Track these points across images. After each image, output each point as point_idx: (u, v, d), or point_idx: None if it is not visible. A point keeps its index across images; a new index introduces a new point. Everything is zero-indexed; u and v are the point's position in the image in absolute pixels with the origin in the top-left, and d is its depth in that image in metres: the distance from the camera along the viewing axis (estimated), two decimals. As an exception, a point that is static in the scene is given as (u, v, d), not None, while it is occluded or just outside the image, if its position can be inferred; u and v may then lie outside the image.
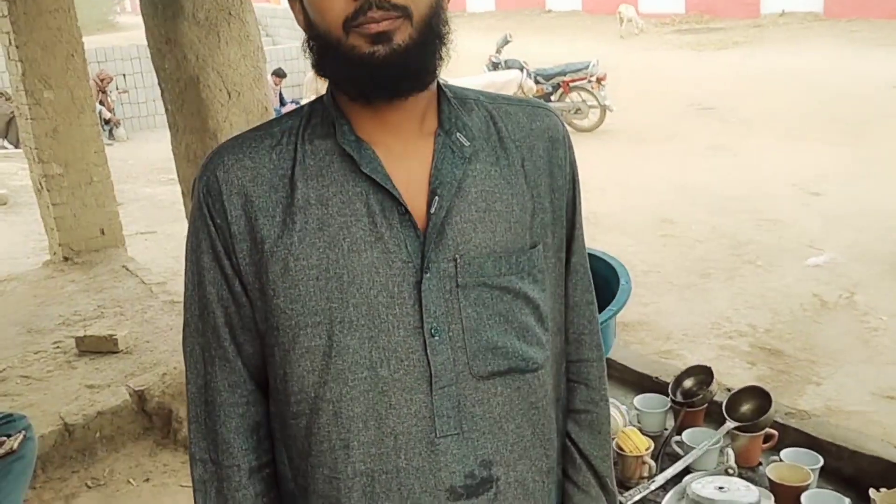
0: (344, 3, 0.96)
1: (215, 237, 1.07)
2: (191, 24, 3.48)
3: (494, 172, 1.08)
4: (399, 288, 1.02)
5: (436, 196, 1.04)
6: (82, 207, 5.68)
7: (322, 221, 1.03)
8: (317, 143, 1.06)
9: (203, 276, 1.09)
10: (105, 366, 4.06)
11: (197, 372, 1.13)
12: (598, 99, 10.68)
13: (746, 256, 5.69)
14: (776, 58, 15.48)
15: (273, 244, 1.03)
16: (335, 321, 1.03)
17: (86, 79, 5.64)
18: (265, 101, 3.77)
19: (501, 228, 1.07)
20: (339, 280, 1.02)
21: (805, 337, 4.45)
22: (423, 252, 1.03)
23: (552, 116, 1.16)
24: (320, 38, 1.01)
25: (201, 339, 1.11)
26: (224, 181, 1.06)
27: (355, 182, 1.03)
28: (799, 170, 7.82)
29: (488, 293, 1.06)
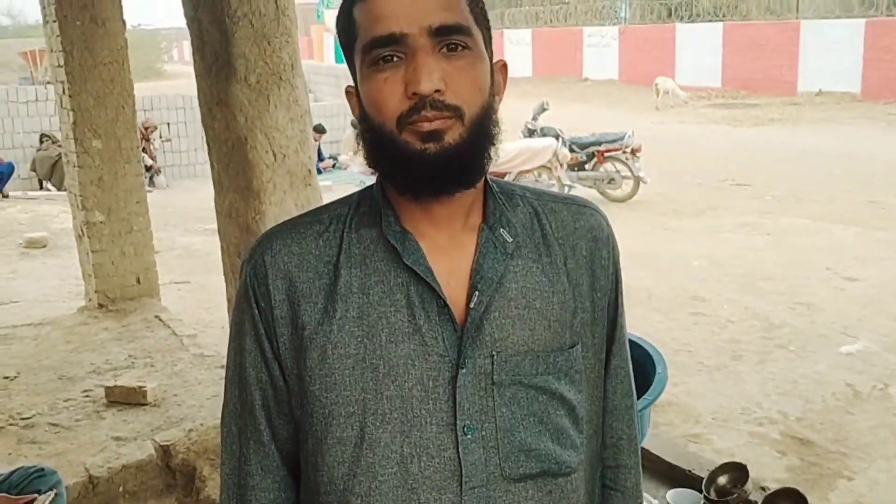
0: (399, 101, 0.99)
1: (258, 320, 1.08)
2: (242, 87, 3.57)
3: (536, 269, 1.09)
4: (434, 382, 1.03)
5: (476, 291, 1.04)
6: (121, 255, 5.78)
7: (362, 310, 1.04)
8: (363, 231, 1.08)
9: (244, 357, 1.10)
10: (133, 418, 4.08)
11: (232, 453, 1.14)
12: (633, 170, 10.73)
13: (778, 340, 5.62)
14: (812, 137, 15.50)
15: (313, 331, 1.05)
16: (368, 412, 1.03)
17: (134, 130, 5.78)
18: (309, 163, 3.84)
19: (541, 327, 1.07)
20: (374, 371, 1.03)
21: (837, 428, 4.37)
22: (461, 347, 1.03)
23: (597, 216, 1.17)
24: (374, 132, 1.03)
25: (239, 420, 1.12)
26: (270, 265, 1.08)
27: (397, 272, 1.05)
28: (834, 252, 7.76)
29: (524, 392, 1.05)
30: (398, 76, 0.99)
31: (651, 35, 26.27)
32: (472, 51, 1.02)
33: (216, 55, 3.58)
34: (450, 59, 1.00)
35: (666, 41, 25.39)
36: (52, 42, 5.59)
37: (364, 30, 1.02)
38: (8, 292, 6.74)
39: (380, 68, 1.00)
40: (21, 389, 4.42)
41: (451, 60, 1.00)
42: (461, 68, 1.00)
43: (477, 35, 1.03)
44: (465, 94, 1.00)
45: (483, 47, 1.05)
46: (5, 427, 3.96)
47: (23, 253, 8.31)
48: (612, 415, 1.19)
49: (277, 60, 3.62)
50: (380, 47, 1.00)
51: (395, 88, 0.99)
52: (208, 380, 4.58)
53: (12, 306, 6.30)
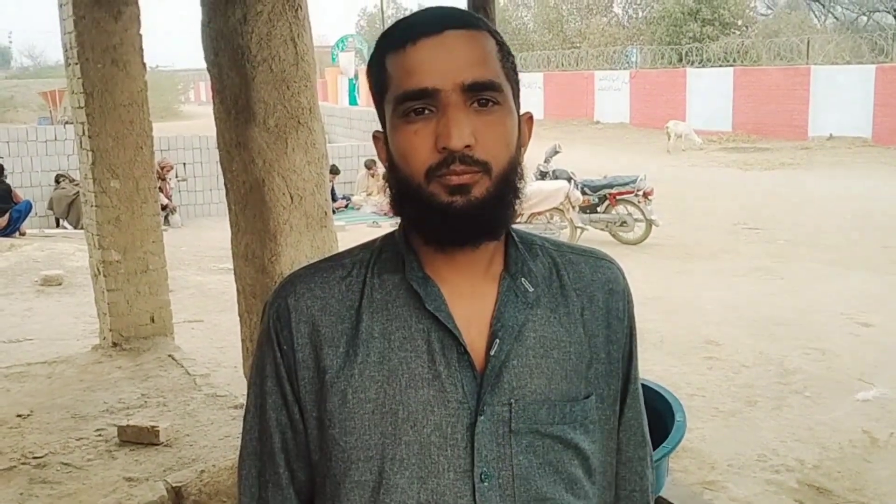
0: (429, 154, 1.00)
1: (280, 363, 1.09)
2: (261, 130, 3.62)
3: (554, 319, 1.09)
4: (452, 429, 1.03)
5: (497, 339, 1.05)
6: (136, 294, 5.80)
7: (383, 355, 1.05)
8: (385, 277, 1.09)
9: (265, 399, 1.11)
10: (145, 458, 4.07)
11: (251, 496, 1.14)
12: (645, 213, 10.75)
13: (794, 386, 5.58)
14: (824, 181, 15.52)
15: (334, 375, 1.06)
16: (387, 458, 1.03)
17: (152, 171, 5.85)
18: (325, 205, 3.87)
19: (558, 376, 1.07)
20: (394, 416, 1.03)
21: (855, 476, 4.31)
22: (480, 394, 1.03)
23: (614, 269, 1.18)
24: (401, 182, 1.04)
25: (258, 462, 1.13)
26: (294, 308, 1.09)
27: (418, 318, 1.06)
28: (848, 298, 7.73)
29: (540, 441, 1.05)
30: (428, 129, 1.01)
31: (662, 80, 26.50)
32: (503, 106, 1.03)
33: (236, 99, 3.63)
34: (480, 114, 1.01)
35: (676, 86, 25.61)
36: (73, 84, 5.68)
37: (396, 81, 1.03)
38: (23, 330, 6.77)
39: (410, 120, 1.02)
40: (34, 428, 4.41)
41: (482, 116, 1.01)
42: (491, 124, 1.02)
43: (507, 90, 1.05)
44: (493, 150, 1.01)
45: (513, 102, 1.06)
46: (17, 466, 3.96)
47: (38, 291, 8.35)
48: (625, 466, 1.19)
49: (296, 105, 3.67)
50: (412, 100, 1.01)
51: (426, 141, 1.01)
52: (221, 420, 4.57)
53: (27, 344, 6.33)
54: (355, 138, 18.32)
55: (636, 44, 33.18)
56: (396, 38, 1.04)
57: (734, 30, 32.39)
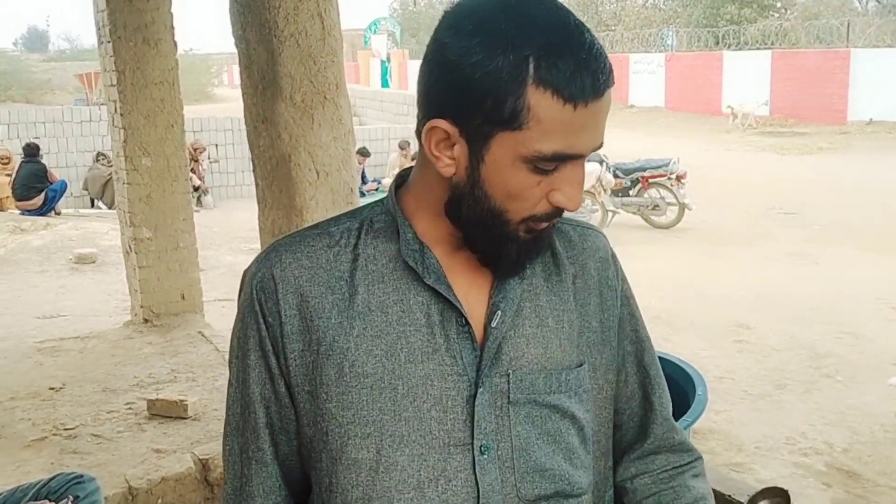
0: (537, 202, 0.98)
1: (265, 335, 1.04)
2: (287, 106, 3.62)
3: (547, 288, 1.08)
4: (452, 402, 1.00)
5: (498, 311, 1.03)
6: (166, 272, 5.86)
7: (381, 329, 1.01)
8: (381, 247, 1.05)
9: (248, 374, 1.06)
10: (173, 431, 4.12)
11: (234, 473, 1.10)
12: (678, 197, 10.64)
13: (825, 370, 5.51)
14: (862, 166, 15.24)
15: (329, 347, 1.01)
16: (385, 434, 1.00)
17: (182, 148, 5.88)
18: (351, 182, 3.87)
19: (553, 345, 1.06)
20: (393, 391, 1.00)
21: (885, 461, 4.25)
22: (479, 366, 1.01)
23: (601, 237, 1.17)
24: (485, 209, 0.98)
25: (241, 438, 1.09)
26: (280, 279, 1.04)
27: (417, 291, 1.02)
28: (884, 283, 7.60)
29: (538, 411, 1.04)
30: (547, 182, 0.96)
31: (698, 63, 26.13)
32: None
33: (263, 74, 3.64)
34: None
35: (713, 69, 25.24)
36: (105, 62, 5.73)
37: (544, 129, 0.92)
38: (57, 306, 6.88)
39: (537, 171, 0.95)
40: (66, 401, 4.49)
41: None
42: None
43: None
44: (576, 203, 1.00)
45: None
46: (49, 437, 4.03)
47: (72, 268, 8.49)
48: (662, 425, 1.18)
49: (322, 80, 3.67)
50: (557, 161, 0.94)
51: (540, 192, 0.97)
52: (248, 396, 4.61)
53: (60, 320, 6.43)
54: (387, 121, 18.31)
55: (672, 26, 32.75)
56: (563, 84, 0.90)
57: (773, 12, 31.85)
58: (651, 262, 8.40)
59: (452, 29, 0.94)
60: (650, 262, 8.35)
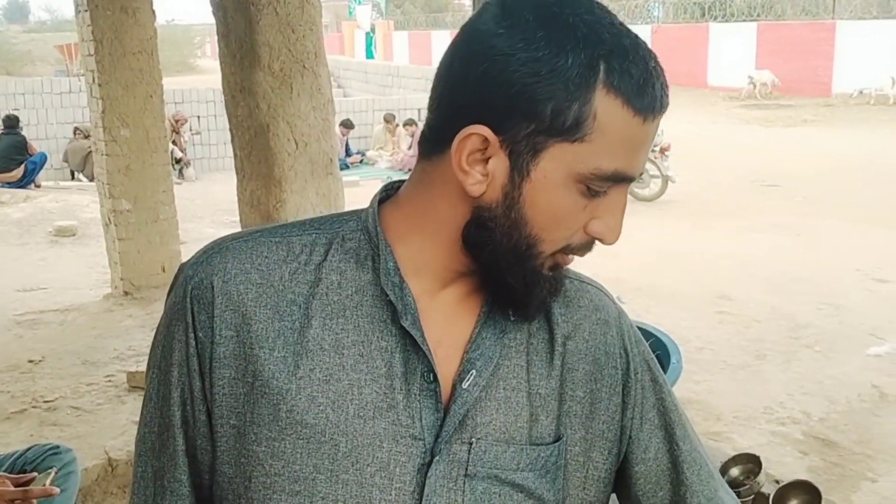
0: (575, 230, 0.85)
1: (192, 353, 0.88)
2: (266, 75, 3.59)
3: (531, 347, 0.93)
4: (401, 469, 0.86)
5: (472, 371, 0.88)
6: (146, 244, 5.83)
7: (330, 373, 0.86)
8: (348, 274, 0.88)
9: (170, 392, 0.90)
10: (153, 402, 4.11)
11: (144, 499, 0.93)
12: (661, 169, 10.63)
13: (804, 340, 5.55)
14: (846, 139, 15.30)
15: (265, 383, 0.85)
16: (317, 495, 0.85)
17: (162, 119, 5.83)
18: (331, 152, 3.85)
19: (526, 413, 0.91)
20: (333, 448, 0.85)
21: (862, 429, 4.30)
22: (439, 431, 0.86)
23: (602, 295, 1.01)
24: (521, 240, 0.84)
25: (156, 462, 0.92)
26: (220, 292, 0.87)
27: (382, 335, 0.87)
28: (864, 255, 7.65)
29: (497, 489, 0.89)
30: (590, 206, 0.84)
31: (684, 35, 26.07)
32: None
33: (240, 43, 3.60)
34: None
35: (699, 41, 25.19)
36: (83, 31, 5.66)
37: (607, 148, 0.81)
38: (37, 279, 6.83)
39: (589, 195, 0.83)
40: (45, 373, 4.47)
41: None
42: None
43: None
44: None
45: None
46: (28, 409, 4.02)
47: (52, 241, 8.42)
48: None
49: (301, 49, 3.63)
50: (610, 181, 0.83)
51: (582, 219, 0.85)
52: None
53: (40, 292, 6.39)
54: (371, 92, 18.20)
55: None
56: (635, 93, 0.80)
57: (759, -16, 31.75)
58: (634, 234, 8.40)
59: (506, 19, 0.80)
60: (633, 234, 8.34)
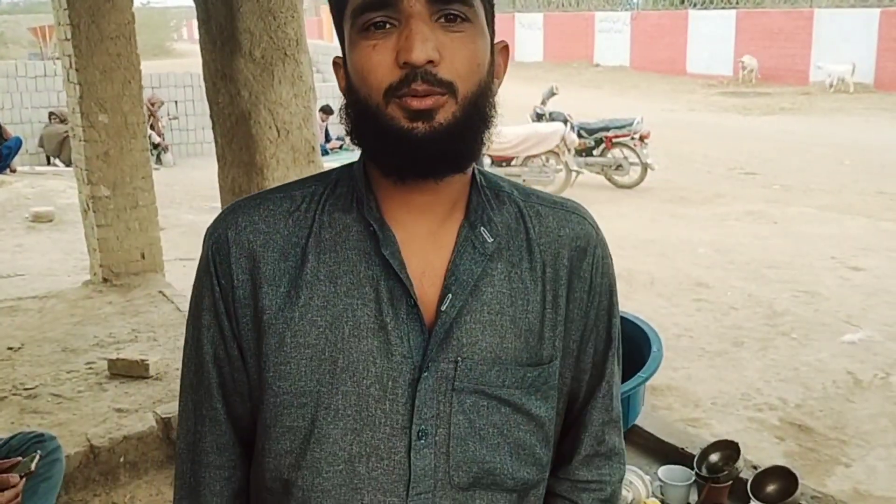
0: (388, 71, 0.91)
1: (218, 297, 1.03)
2: (247, 62, 3.57)
3: (514, 275, 1.02)
4: (394, 383, 0.98)
5: (449, 294, 0.99)
6: (126, 231, 5.79)
7: (327, 300, 0.99)
8: (337, 215, 1.02)
9: (202, 333, 1.05)
10: (135, 390, 4.10)
11: (188, 429, 1.10)
12: (640, 156, 10.69)
13: (781, 327, 5.62)
14: (823, 127, 15.43)
15: (273, 316, 1.00)
16: (321, 406, 0.98)
17: (140, 105, 5.78)
18: (313, 140, 3.84)
19: (511, 335, 1.01)
20: (332, 364, 0.98)
21: (837, 415, 4.37)
22: (426, 349, 0.98)
23: (585, 224, 1.09)
24: (359, 104, 0.95)
25: (194, 396, 1.08)
26: (234, 242, 1.02)
27: (369, 264, 0.99)
28: (840, 242, 7.75)
29: (484, 402, 1.00)
30: (389, 44, 0.91)
31: (663, 22, 26.12)
32: (473, 24, 0.94)
33: (221, 29, 3.57)
34: (447, 30, 0.92)
35: (678, 28, 25.26)
36: (59, 15, 5.58)
37: None
38: (14, 266, 6.78)
39: (369, 35, 0.92)
40: (25, 360, 4.44)
41: (449, 32, 0.92)
42: (458, 41, 0.92)
43: (479, 8, 0.95)
44: (460, 69, 0.92)
45: (485, 23, 0.97)
46: (9, 397, 3.99)
47: (29, 227, 8.35)
48: (585, 430, 1.13)
49: (283, 36, 3.61)
50: (371, 11, 0.92)
51: (385, 57, 0.91)
52: (210, 355, 4.60)
53: (18, 279, 6.34)
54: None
55: (638, -15, 32.62)
56: None
57: (737, -28, 31.82)
58: (613, 221, 8.46)
59: None
60: (613, 221, 8.40)
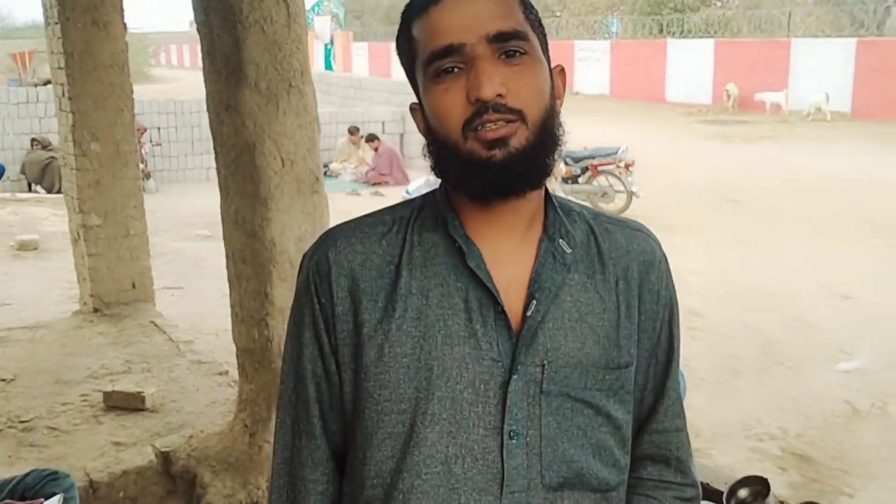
0: (462, 110, 1.01)
1: (318, 315, 1.11)
2: (252, 93, 3.55)
3: (590, 285, 1.10)
4: (485, 386, 1.04)
5: (533, 300, 1.06)
6: (116, 259, 5.72)
7: (420, 311, 1.06)
8: (425, 235, 1.10)
9: (302, 350, 1.13)
10: (131, 423, 4.03)
11: (285, 444, 1.16)
12: (626, 184, 10.77)
13: (776, 356, 5.64)
14: (803, 154, 15.60)
15: (372, 329, 1.07)
16: (419, 411, 1.05)
17: (132, 133, 5.74)
18: (317, 170, 3.82)
19: (591, 341, 1.08)
20: (428, 371, 1.05)
21: (837, 445, 4.38)
22: (514, 353, 1.05)
23: (650, 240, 1.18)
24: (439, 143, 1.05)
25: (293, 411, 1.15)
26: (335, 262, 1.10)
27: (457, 277, 1.07)
28: (828, 270, 7.81)
29: (570, 404, 1.07)
30: (459, 86, 1.01)
31: (643, 51, 26.43)
32: (531, 55, 1.04)
33: (226, 60, 3.56)
34: (509, 65, 1.02)
35: (657, 57, 25.55)
36: (52, 44, 5.55)
37: (423, 45, 1.05)
38: (1, 295, 6.67)
39: (440, 80, 1.03)
40: (19, 392, 4.36)
41: (511, 66, 1.02)
42: (521, 72, 1.02)
43: (534, 40, 1.06)
44: (526, 98, 1.02)
45: (541, 52, 1.07)
46: (4, 429, 3.91)
47: (14, 255, 8.23)
48: (662, 436, 1.19)
49: (288, 67, 3.60)
50: (440, 59, 1.02)
51: (457, 98, 1.01)
52: (206, 386, 4.54)
53: (5, 308, 6.23)
54: (332, 104, 18.13)
55: (617, 13, 33.04)
56: (420, 3, 1.06)
57: (715, 1, 32.33)
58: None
59: None
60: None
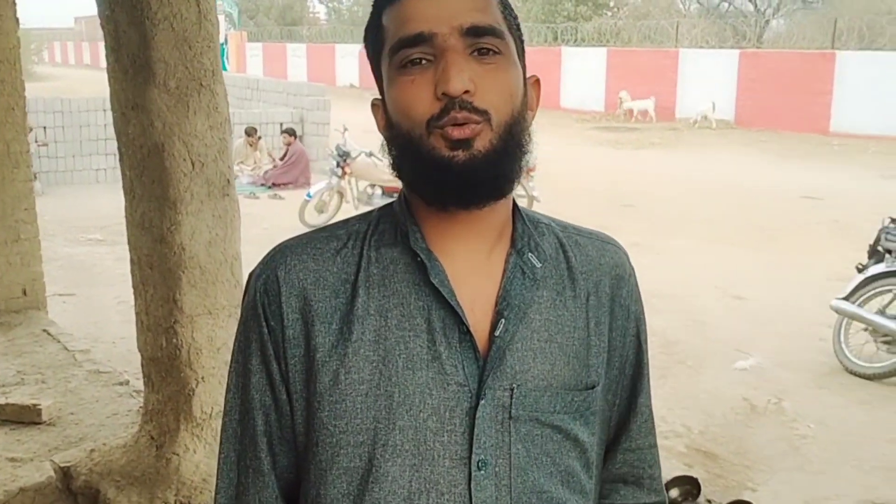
0: (428, 104, 0.94)
1: (267, 339, 1.01)
2: (161, 92, 3.42)
3: (559, 302, 1.04)
4: (451, 413, 0.96)
5: (502, 319, 0.99)
6: (6, 266, 5.43)
7: (379, 334, 0.98)
8: (383, 250, 1.02)
9: (249, 379, 1.03)
10: (27, 437, 3.82)
11: (229, 481, 1.06)
12: (526, 189, 10.91)
13: (677, 356, 5.82)
14: (692, 161, 16.20)
15: (326, 353, 0.98)
16: (378, 444, 0.97)
17: (24, 133, 5.47)
18: (228, 173, 3.71)
19: (560, 362, 1.01)
20: (388, 399, 0.96)
21: (738, 441, 4.55)
22: (482, 377, 0.97)
23: (620, 253, 1.13)
24: (401, 138, 0.98)
25: (238, 445, 1.05)
26: (284, 282, 1.01)
27: (419, 295, 0.99)
28: (720, 272, 8.11)
29: (539, 430, 1.00)
30: (426, 78, 0.95)
31: (537, 58, 26.86)
32: (504, 56, 0.98)
33: (133, 58, 3.42)
34: (480, 62, 0.96)
35: (552, 64, 26.04)
36: (-65, 36, 5.22)
37: (392, 32, 0.98)
38: None
39: (407, 71, 0.96)
40: None
41: (482, 64, 0.96)
42: (492, 72, 0.96)
43: (510, 42, 1.00)
44: (493, 99, 0.95)
45: (516, 57, 1.01)
46: None
47: None
48: (635, 454, 1.14)
49: (198, 66, 3.49)
50: (407, 47, 0.96)
51: (424, 91, 0.95)
52: (106, 397, 4.35)
53: None
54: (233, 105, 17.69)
55: (512, 21, 33.46)
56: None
57: (606, 10, 33.24)
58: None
59: None
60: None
